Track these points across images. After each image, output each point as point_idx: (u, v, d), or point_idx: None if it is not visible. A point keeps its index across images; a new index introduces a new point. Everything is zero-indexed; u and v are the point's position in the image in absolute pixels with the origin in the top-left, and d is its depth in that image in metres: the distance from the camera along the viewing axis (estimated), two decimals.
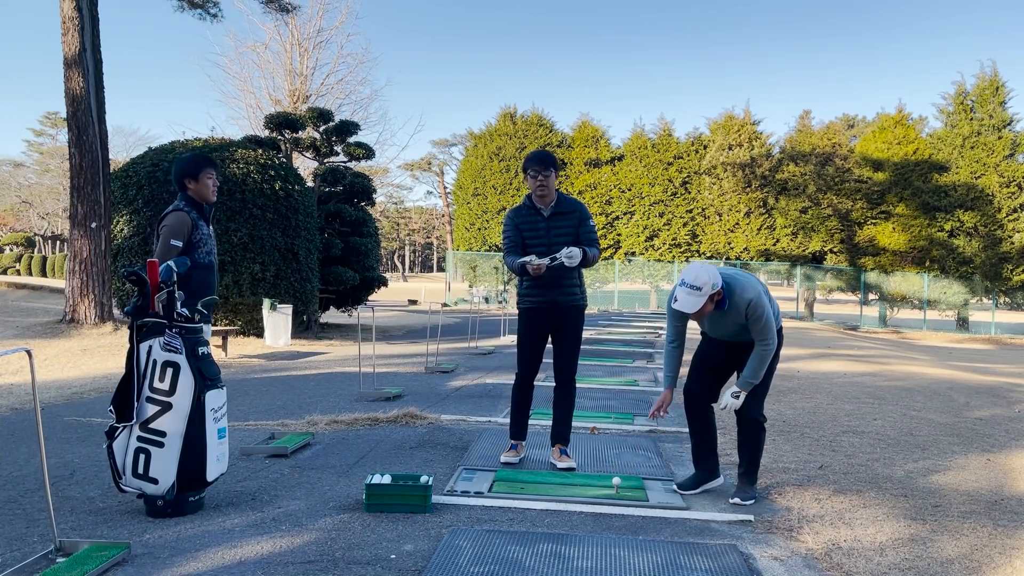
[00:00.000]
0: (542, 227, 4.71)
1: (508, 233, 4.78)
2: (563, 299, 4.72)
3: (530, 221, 4.75)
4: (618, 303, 32.82)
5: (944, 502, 4.25)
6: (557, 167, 4.71)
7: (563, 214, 4.72)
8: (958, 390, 8.79)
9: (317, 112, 18.28)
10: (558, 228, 4.70)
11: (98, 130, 13.02)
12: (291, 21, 30.17)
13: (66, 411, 6.53)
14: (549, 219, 4.72)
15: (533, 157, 4.67)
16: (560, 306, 4.73)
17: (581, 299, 4.81)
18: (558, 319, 4.76)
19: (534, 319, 4.78)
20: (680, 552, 3.42)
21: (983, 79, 30.28)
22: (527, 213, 4.77)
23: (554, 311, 4.74)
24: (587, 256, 4.64)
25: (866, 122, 36.20)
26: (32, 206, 63.50)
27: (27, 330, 12.89)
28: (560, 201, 4.76)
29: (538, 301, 4.74)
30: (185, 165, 4.21)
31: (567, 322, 4.77)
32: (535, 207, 4.75)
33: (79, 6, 12.74)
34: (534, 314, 4.78)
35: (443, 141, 68.67)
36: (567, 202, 4.79)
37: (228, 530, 3.56)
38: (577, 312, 4.80)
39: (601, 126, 33.79)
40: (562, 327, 4.77)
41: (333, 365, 10.11)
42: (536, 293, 4.74)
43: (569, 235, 4.70)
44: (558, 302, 4.72)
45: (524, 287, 4.79)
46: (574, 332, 4.80)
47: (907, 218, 29.95)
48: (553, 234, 4.68)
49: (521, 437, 4.94)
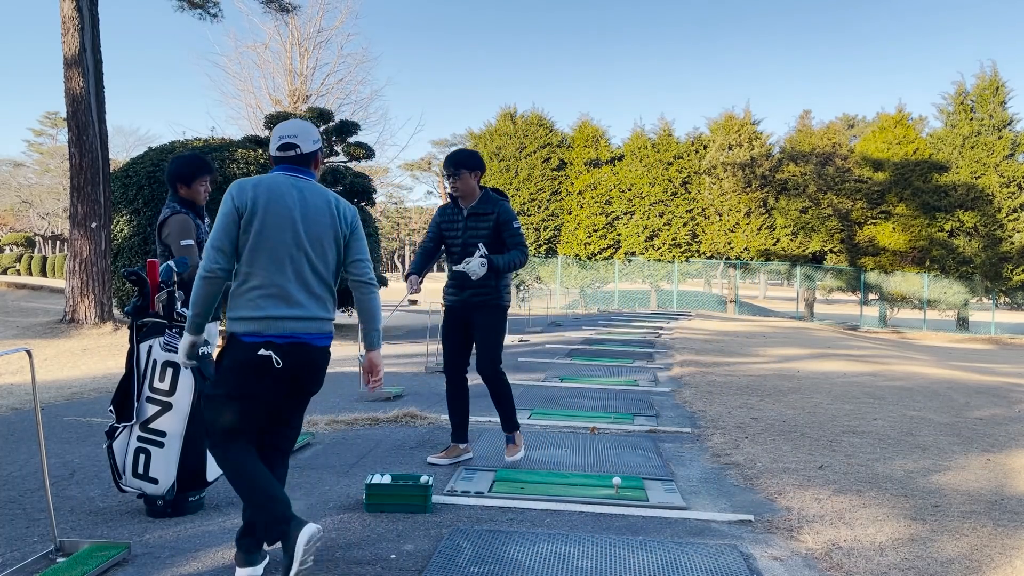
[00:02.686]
0: (459, 225, 4.73)
1: (428, 229, 4.90)
2: (476, 299, 4.72)
3: (451, 218, 4.79)
4: (618, 303, 32.81)
5: (944, 502, 4.25)
6: (475, 167, 4.70)
7: (481, 214, 4.70)
8: (958, 390, 8.79)
9: (317, 112, 18.30)
10: (474, 228, 4.69)
11: (98, 130, 13.02)
12: (291, 21, 30.17)
13: (66, 411, 6.53)
14: (467, 218, 4.72)
15: (447, 158, 4.72)
16: (473, 305, 4.74)
17: (495, 299, 4.75)
18: (472, 317, 4.77)
19: (451, 316, 4.84)
20: (680, 552, 3.42)
21: (983, 79, 30.27)
22: (450, 211, 4.81)
23: (468, 309, 4.76)
24: (497, 265, 4.59)
25: (866, 122, 36.20)
26: (32, 206, 63.50)
27: (27, 330, 12.89)
28: (482, 200, 4.74)
29: (454, 299, 4.81)
30: (180, 168, 4.08)
31: (480, 320, 4.76)
32: (457, 204, 4.79)
33: (79, 6, 12.74)
34: (451, 311, 4.84)
35: (443, 141, 68.66)
36: (489, 201, 4.75)
37: (228, 530, 3.56)
38: (490, 311, 4.76)
39: (601, 126, 33.77)
40: (477, 324, 4.78)
41: (333, 365, 10.08)
42: (453, 291, 4.81)
43: (484, 236, 4.67)
44: (471, 302, 4.74)
45: (446, 284, 4.85)
46: (487, 329, 4.77)
47: (907, 218, 29.94)
48: (468, 234, 4.69)
49: (460, 439, 4.90)
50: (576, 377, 9.12)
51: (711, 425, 6.33)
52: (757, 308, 36.20)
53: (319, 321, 3.01)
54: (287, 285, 2.95)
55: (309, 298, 2.99)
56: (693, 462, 5.14)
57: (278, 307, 2.93)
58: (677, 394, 8.00)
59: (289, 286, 2.95)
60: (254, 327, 2.92)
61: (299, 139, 3.08)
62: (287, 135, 3.08)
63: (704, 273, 37.95)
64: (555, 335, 15.09)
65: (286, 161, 3.08)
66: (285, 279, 2.95)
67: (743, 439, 5.79)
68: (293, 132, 3.08)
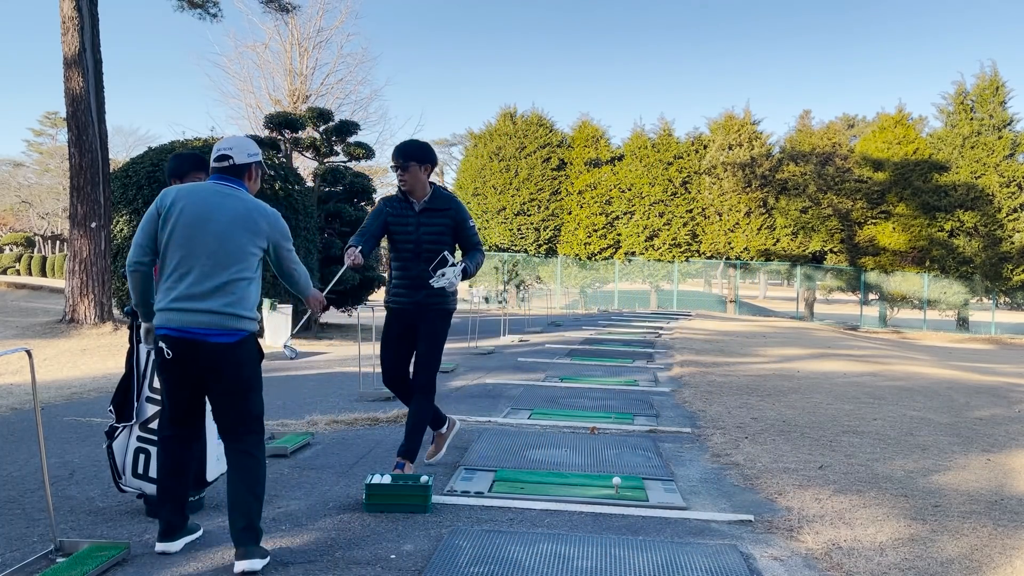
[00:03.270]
0: (411, 222, 4.39)
1: (367, 220, 4.48)
2: (431, 300, 4.40)
3: (400, 214, 4.42)
4: (618, 303, 32.81)
5: (944, 502, 4.25)
6: (425, 160, 4.37)
7: (435, 211, 4.40)
8: (958, 390, 8.79)
9: (317, 112, 18.27)
10: (429, 225, 4.38)
11: (98, 130, 13.02)
12: (291, 21, 30.12)
13: (66, 411, 6.53)
14: (420, 214, 4.40)
15: (396, 149, 4.36)
16: (425, 307, 4.42)
17: (450, 303, 4.49)
18: (421, 322, 4.44)
19: (397, 320, 4.49)
20: (680, 552, 3.42)
21: (983, 79, 30.27)
22: (399, 205, 4.44)
23: (419, 313, 4.43)
24: (468, 273, 4.39)
25: (866, 122, 36.16)
26: (32, 206, 63.49)
27: (27, 330, 12.89)
28: (434, 196, 4.44)
29: (405, 301, 4.44)
30: (174, 164, 4.07)
31: (428, 327, 4.44)
32: (407, 199, 4.44)
33: (79, 6, 12.74)
34: (398, 316, 4.48)
35: (443, 141, 68.60)
36: (441, 198, 4.47)
37: (228, 530, 3.55)
38: (441, 315, 4.47)
39: (601, 126, 33.77)
40: (423, 329, 4.45)
41: (333, 365, 10.11)
42: (405, 293, 4.44)
43: (440, 234, 4.39)
44: (424, 303, 4.41)
45: (392, 285, 4.51)
46: (434, 337, 4.45)
47: (907, 218, 29.94)
48: (423, 231, 4.37)
49: (438, 425, 4.72)
50: (576, 377, 9.12)
51: (711, 425, 6.33)
52: (757, 308, 36.20)
53: (219, 316, 3.16)
54: (190, 282, 3.16)
55: (211, 295, 3.16)
56: (693, 462, 5.14)
57: (178, 301, 3.16)
58: (677, 394, 8.00)
59: (191, 283, 3.16)
60: (159, 319, 3.21)
61: (233, 151, 3.36)
62: (224, 148, 3.38)
63: (704, 273, 37.94)
64: (555, 335, 15.09)
65: (219, 171, 3.36)
66: (189, 277, 3.17)
67: (743, 439, 5.79)
68: (230, 146, 3.39)
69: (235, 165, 3.35)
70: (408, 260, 4.40)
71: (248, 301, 3.24)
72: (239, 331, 3.19)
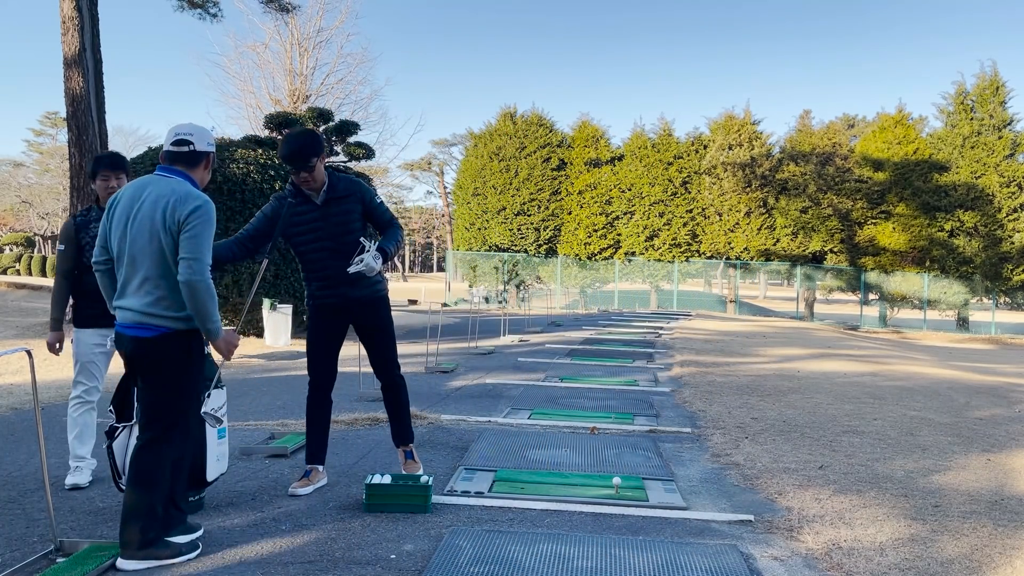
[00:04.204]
0: (315, 216, 4.04)
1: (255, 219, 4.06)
2: (358, 293, 4.13)
3: (300, 213, 4.03)
4: (618, 303, 32.81)
5: (944, 502, 4.25)
6: (321, 150, 3.98)
7: (339, 198, 4.07)
8: (958, 390, 8.79)
9: (317, 112, 18.30)
10: (337, 215, 4.05)
11: (98, 130, 13.03)
12: (291, 21, 30.17)
13: (66, 411, 6.52)
14: (323, 206, 4.06)
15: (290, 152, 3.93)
16: (356, 301, 4.15)
17: (381, 290, 4.23)
18: (356, 316, 4.20)
19: (325, 318, 4.18)
20: (680, 552, 3.42)
21: (983, 79, 30.26)
22: (295, 204, 4.02)
23: (349, 308, 4.17)
24: (391, 252, 4.05)
25: (866, 122, 36.15)
26: (32, 206, 63.49)
27: (27, 330, 12.89)
28: (332, 184, 4.08)
29: (327, 297, 4.14)
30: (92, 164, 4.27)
31: (369, 318, 4.21)
32: (302, 194, 4.06)
33: (79, 6, 12.74)
34: (324, 311, 4.17)
35: (443, 141, 68.68)
36: (339, 182, 4.11)
37: (228, 530, 3.56)
38: (377, 305, 4.22)
39: (601, 126, 33.74)
40: (363, 325, 4.23)
41: None
42: (325, 287, 4.12)
43: (352, 222, 4.06)
44: (352, 297, 4.13)
45: (314, 284, 4.17)
46: (380, 329, 4.25)
47: (907, 218, 29.93)
48: (333, 223, 4.04)
49: (318, 461, 4.24)
50: (576, 377, 9.12)
51: (711, 425, 6.33)
52: (757, 308, 36.20)
53: (137, 313, 3.18)
54: (121, 280, 3.25)
55: (135, 292, 3.20)
56: (693, 462, 5.14)
57: (116, 299, 3.30)
58: (677, 394, 8.00)
59: (121, 280, 3.25)
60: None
61: (195, 137, 3.31)
62: (184, 133, 3.31)
63: (704, 273, 37.92)
64: (555, 335, 15.09)
65: (174, 157, 3.28)
66: (121, 273, 3.25)
67: (743, 439, 5.79)
68: (190, 131, 3.32)
69: (195, 152, 3.28)
70: (320, 260, 4.09)
71: (168, 301, 3.16)
72: (156, 327, 3.18)
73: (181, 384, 3.24)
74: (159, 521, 3.16)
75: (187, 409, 3.28)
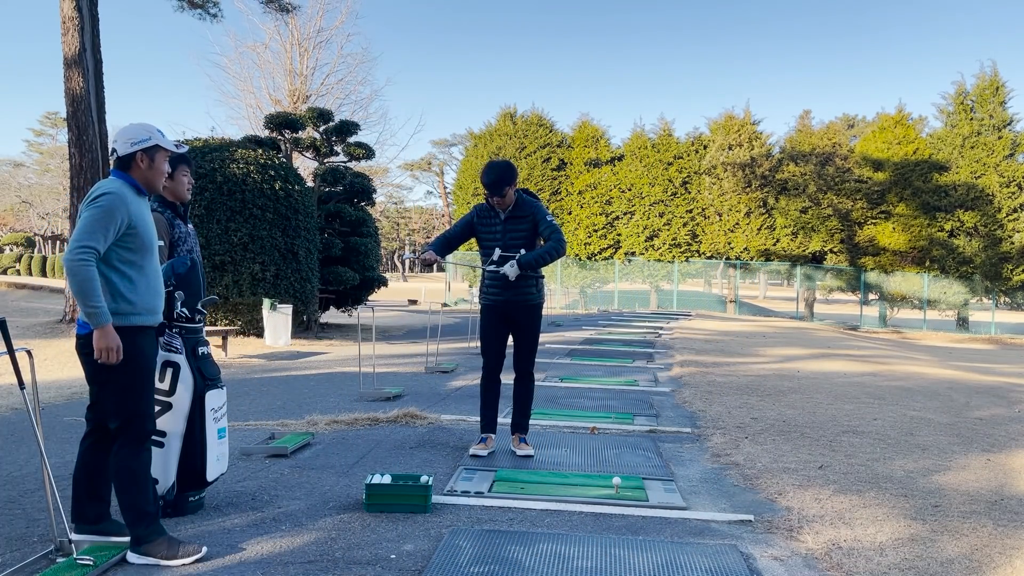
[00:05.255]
0: (498, 229, 5.00)
1: (459, 222, 5.11)
2: (517, 298, 5.01)
3: (487, 221, 5.04)
4: (618, 303, 32.81)
5: (944, 502, 4.25)
6: (513, 180, 4.88)
7: (519, 218, 4.97)
8: (958, 390, 8.79)
9: (317, 112, 18.27)
10: (513, 231, 4.96)
11: (98, 130, 13.03)
12: (291, 21, 30.15)
13: (66, 411, 6.53)
14: (505, 222, 4.99)
15: (491, 181, 4.84)
16: (514, 304, 5.02)
17: (535, 298, 5.07)
18: (513, 316, 5.06)
19: (491, 315, 5.10)
20: (680, 552, 3.42)
21: (983, 79, 30.25)
22: (487, 213, 5.05)
23: (508, 308, 5.04)
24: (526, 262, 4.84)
25: (866, 122, 36.17)
26: (32, 206, 63.51)
27: (27, 330, 12.90)
28: (517, 204, 5.00)
29: (494, 299, 5.05)
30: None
31: (521, 319, 5.06)
32: (493, 208, 5.04)
33: (79, 6, 12.74)
34: (491, 310, 5.10)
35: (443, 141, 68.74)
36: (523, 205, 5.00)
37: (228, 530, 3.56)
38: (530, 310, 5.06)
39: (601, 126, 33.74)
40: (517, 324, 5.08)
41: (333, 365, 10.10)
42: (494, 292, 5.04)
43: (524, 237, 4.96)
44: (512, 301, 5.02)
45: (485, 285, 5.09)
46: (528, 328, 5.09)
47: (907, 218, 29.93)
48: (508, 236, 4.96)
49: (491, 430, 5.14)
50: (576, 377, 9.12)
51: (711, 425, 6.33)
52: (757, 308, 36.19)
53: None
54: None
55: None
56: (693, 462, 5.14)
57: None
58: (677, 394, 8.00)
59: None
60: None
61: (117, 143, 3.27)
62: (111, 142, 3.32)
63: (704, 273, 37.93)
64: (555, 335, 15.09)
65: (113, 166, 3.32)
66: None
67: (743, 439, 5.79)
68: (115, 138, 3.29)
69: (119, 157, 3.29)
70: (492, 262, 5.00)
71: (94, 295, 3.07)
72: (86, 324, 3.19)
73: (123, 383, 3.14)
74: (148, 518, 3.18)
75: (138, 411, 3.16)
